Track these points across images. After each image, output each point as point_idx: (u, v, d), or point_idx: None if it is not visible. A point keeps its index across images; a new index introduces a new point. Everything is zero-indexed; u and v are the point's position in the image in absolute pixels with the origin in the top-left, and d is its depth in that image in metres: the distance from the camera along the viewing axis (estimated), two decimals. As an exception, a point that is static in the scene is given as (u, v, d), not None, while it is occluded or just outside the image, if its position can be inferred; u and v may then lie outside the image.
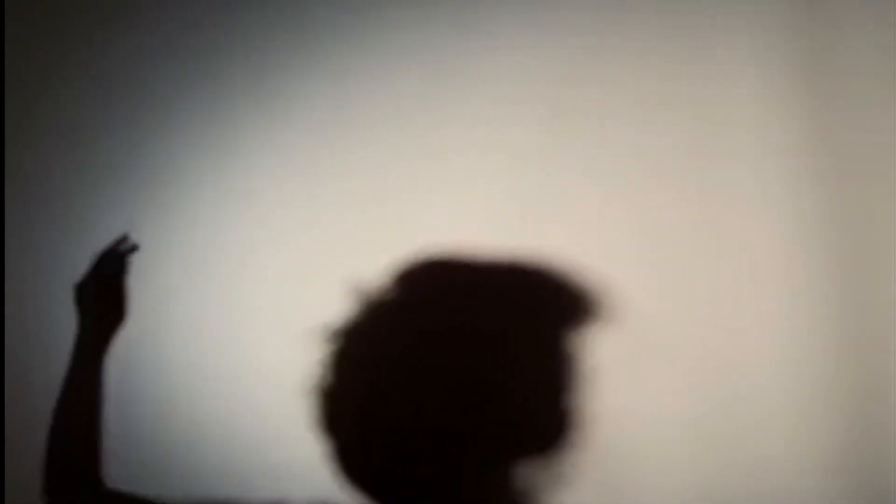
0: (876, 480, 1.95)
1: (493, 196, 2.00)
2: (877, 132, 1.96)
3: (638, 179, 2.01)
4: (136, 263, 1.93)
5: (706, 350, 1.98)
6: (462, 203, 2.01)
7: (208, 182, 2.16)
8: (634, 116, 2.01)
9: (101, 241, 2.09)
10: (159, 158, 2.16)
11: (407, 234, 1.90)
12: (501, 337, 1.05)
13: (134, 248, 1.64)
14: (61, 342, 2.21)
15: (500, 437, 1.03)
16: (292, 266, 2.08)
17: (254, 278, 2.11)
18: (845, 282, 1.98)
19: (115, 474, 1.82)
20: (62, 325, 2.22)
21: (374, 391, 1.05)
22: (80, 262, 2.17)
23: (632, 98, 2.02)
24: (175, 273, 2.14)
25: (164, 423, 2.12)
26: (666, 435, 1.95)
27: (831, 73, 2.00)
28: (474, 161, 2.03)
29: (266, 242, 2.11)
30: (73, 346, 1.61)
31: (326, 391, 1.08)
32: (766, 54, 2.00)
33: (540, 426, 1.05)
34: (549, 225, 1.97)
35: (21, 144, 2.19)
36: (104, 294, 1.61)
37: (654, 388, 1.90)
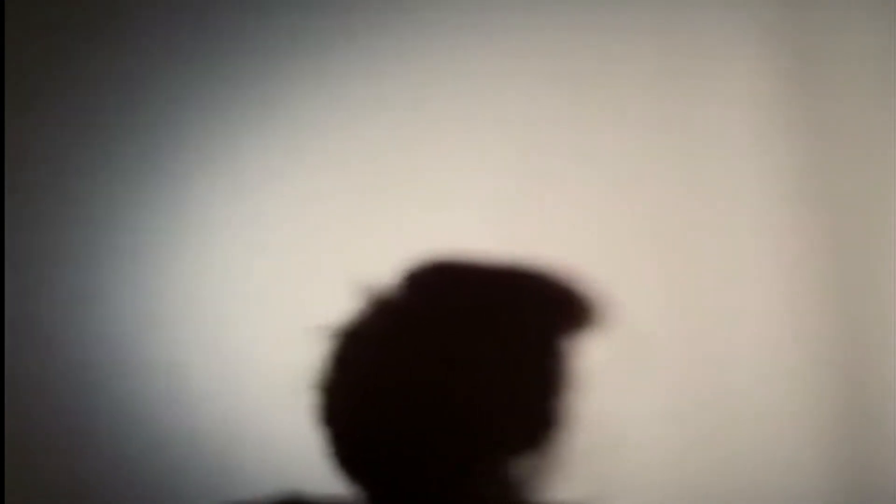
0: (867, 479, 1.96)
1: (494, 195, 2.02)
2: (871, 128, 1.98)
3: (630, 180, 2.02)
4: (137, 261, 1.94)
5: (699, 349, 1.99)
6: (466, 203, 2.02)
7: (209, 180, 2.16)
8: (629, 116, 2.02)
9: (98, 239, 2.11)
10: (155, 157, 2.17)
11: (411, 233, 1.92)
12: (500, 340, 1.09)
13: None
14: (61, 342, 2.22)
15: (491, 432, 1.07)
16: (295, 264, 2.09)
17: (257, 276, 2.12)
18: (837, 280, 2.00)
19: (114, 473, 1.83)
20: (62, 325, 2.23)
21: (374, 386, 1.10)
22: (79, 262, 2.19)
23: (625, 97, 2.03)
24: (176, 271, 2.15)
25: (164, 421, 2.13)
26: (658, 433, 1.96)
27: (825, 72, 2.01)
28: (480, 161, 2.04)
29: (269, 240, 2.12)
30: None
31: (327, 385, 1.12)
32: (759, 51, 2.01)
33: (531, 422, 1.09)
34: (545, 226, 1.99)
35: (21, 143, 2.20)
36: None
37: (645, 388, 1.92)
